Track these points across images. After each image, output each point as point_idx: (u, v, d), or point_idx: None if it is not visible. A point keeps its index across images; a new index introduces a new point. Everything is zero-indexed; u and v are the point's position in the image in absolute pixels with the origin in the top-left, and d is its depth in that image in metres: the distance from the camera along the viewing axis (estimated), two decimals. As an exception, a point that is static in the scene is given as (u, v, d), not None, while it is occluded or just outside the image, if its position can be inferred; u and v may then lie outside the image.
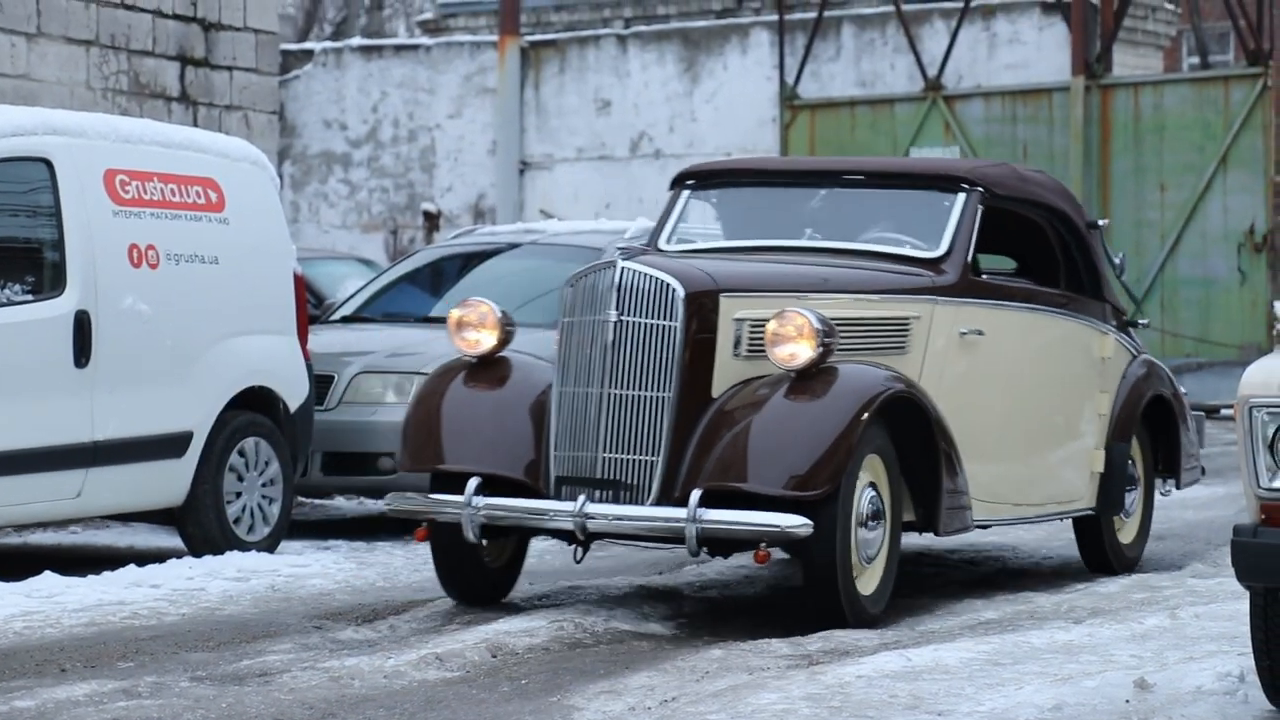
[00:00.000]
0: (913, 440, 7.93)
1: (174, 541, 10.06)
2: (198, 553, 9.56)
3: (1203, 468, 10.30)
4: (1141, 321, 10.07)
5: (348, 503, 12.59)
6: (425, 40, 25.12)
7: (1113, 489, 9.31)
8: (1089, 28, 20.73)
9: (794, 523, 7.36)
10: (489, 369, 8.11)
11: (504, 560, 8.35)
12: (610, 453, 7.64)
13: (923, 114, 21.19)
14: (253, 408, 9.91)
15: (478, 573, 8.22)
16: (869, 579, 7.74)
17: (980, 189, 8.76)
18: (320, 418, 10.52)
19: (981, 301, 8.65)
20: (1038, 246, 9.47)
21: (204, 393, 9.62)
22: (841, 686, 6.35)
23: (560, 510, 7.64)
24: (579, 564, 8.26)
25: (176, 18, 14.29)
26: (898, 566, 7.92)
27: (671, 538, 7.62)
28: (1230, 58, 34.08)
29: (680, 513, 7.45)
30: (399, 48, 24.71)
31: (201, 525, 9.64)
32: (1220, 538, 10.32)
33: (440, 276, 12.79)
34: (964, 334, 8.51)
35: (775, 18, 22.50)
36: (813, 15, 22.38)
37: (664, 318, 7.66)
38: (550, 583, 8.96)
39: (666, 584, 8.76)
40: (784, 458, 7.42)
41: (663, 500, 7.56)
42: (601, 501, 7.62)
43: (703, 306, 7.71)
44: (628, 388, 7.65)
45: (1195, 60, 30.54)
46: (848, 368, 7.72)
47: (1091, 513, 9.35)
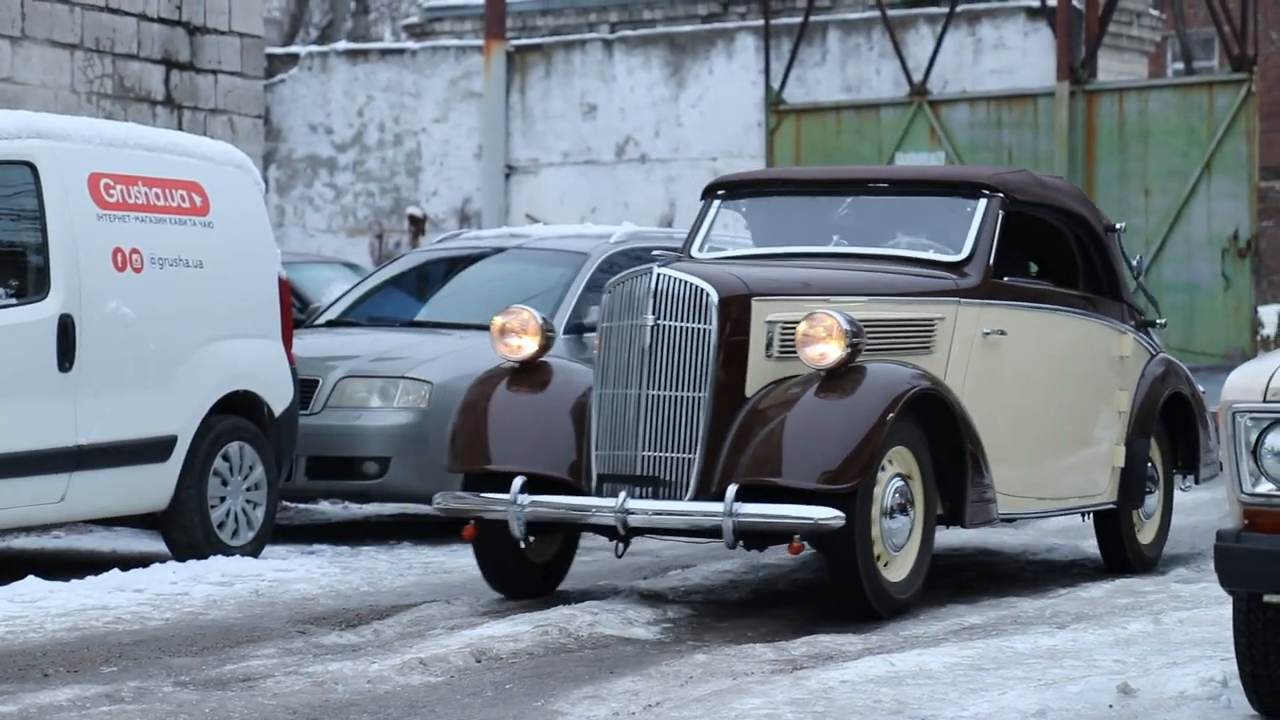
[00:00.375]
0: (939, 436, 8.24)
1: (158, 546, 10.04)
2: (181, 557, 9.55)
3: (1221, 463, 10.52)
4: (1159, 321, 10.31)
5: (332, 507, 12.58)
6: (411, 44, 25.10)
7: (1133, 483, 9.62)
8: (1074, 33, 20.75)
9: (827, 515, 7.68)
10: (531, 373, 8.44)
11: (549, 557, 8.66)
12: (649, 451, 7.98)
13: (908, 119, 21.20)
14: (237, 412, 9.90)
15: (521, 569, 8.52)
16: (897, 568, 8.07)
17: (1001, 195, 9.07)
18: (305, 422, 10.51)
19: (1003, 303, 8.96)
20: (1057, 250, 9.73)
21: (188, 397, 9.61)
22: (825, 691, 6.36)
23: (602, 506, 7.98)
24: (619, 559, 8.60)
25: (161, 21, 14.27)
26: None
27: (709, 531, 7.92)
28: (1215, 63, 34.14)
29: (717, 507, 7.78)
30: (384, 51, 24.70)
31: (185, 530, 9.63)
32: (1204, 543, 10.36)
33: (425, 281, 12.77)
34: (987, 334, 8.82)
35: (761, 23, 22.51)
36: (798, 20, 22.39)
37: (699, 321, 7.98)
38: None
39: (651, 589, 8.76)
40: (816, 453, 7.77)
41: (700, 496, 7.90)
42: (641, 498, 7.94)
43: (736, 310, 8.04)
44: (665, 389, 7.98)
45: (1180, 66, 30.58)
46: (875, 366, 8.06)
47: (1113, 506, 9.63)
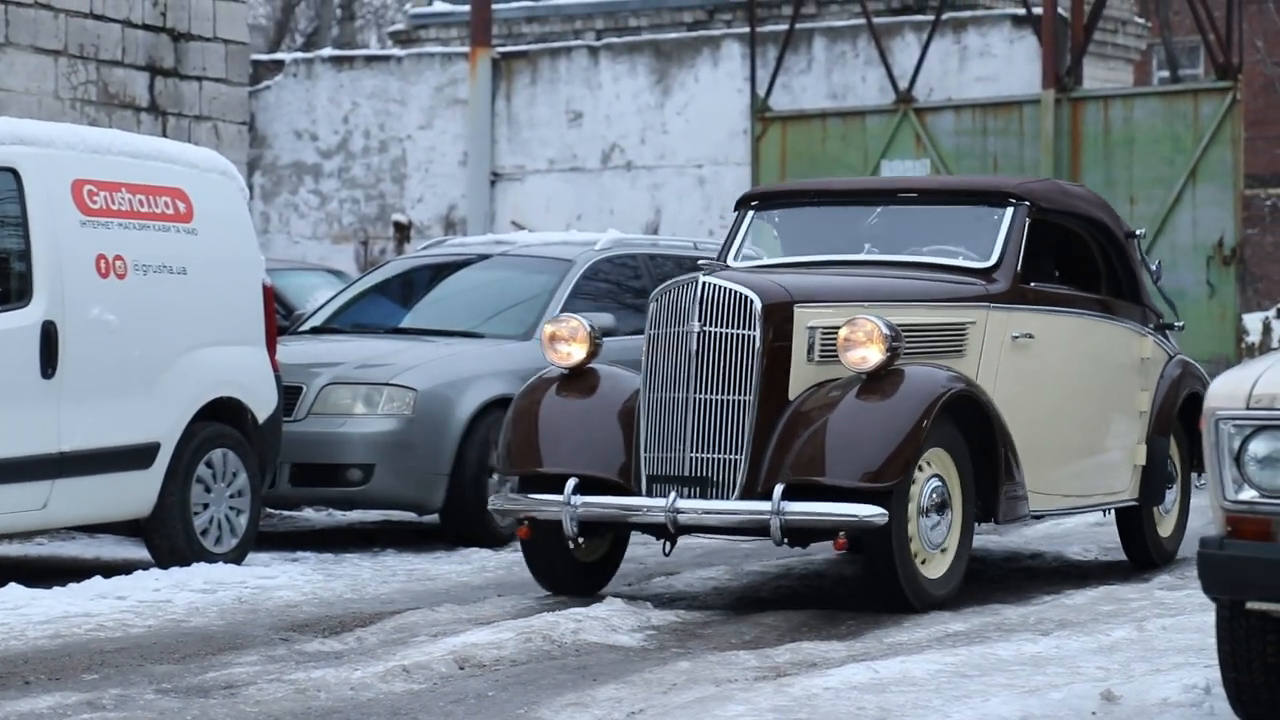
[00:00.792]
0: (972, 436, 8.55)
1: (140, 553, 10.02)
2: (164, 564, 9.53)
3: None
4: (1177, 324, 10.61)
5: (316, 514, 12.55)
6: (396, 51, 25.08)
7: (1154, 480, 9.97)
8: (1059, 41, 20.76)
9: (871, 512, 8.03)
10: (579, 379, 8.74)
11: (597, 557, 8.94)
12: (697, 452, 8.30)
13: (894, 126, 21.19)
14: (221, 419, 9.88)
15: (569, 568, 8.81)
16: (936, 565, 8.42)
17: (1027, 203, 9.41)
18: (289, 429, 10.49)
19: (1031, 307, 9.29)
20: (1079, 255, 10.03)
21: (171, 404, 9.59)
22: (809, 698, 6.35)
23: (653, 506, 8.29)
24: (668, 556, 8.91)
25: (146, 28, 14.25)
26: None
27: (757, 529, 8.22)
28: (1200, 71, 34.22)
29: (765, 506, 8.11)
30: (370, 58, 24.66)
31: (168, 537, 9.61)
32: (1188, 550, 10.37)
33: (410, 288, 12.75)
34: (1016, 337, 9.16)
35: (747, 30, 22.52)
36: (784, 28, 22.39)
37: (744, 327, 8.32)
38: (519, 594, 8.96)
39: (635, 595, 8.75)
40: (858, 452, 8.10)
41: (746, 495, 8.22)
42: (690, 497, 8.26)
43: (779, 316, 8.38)
44: (712, 392, 8.31)
45: (1165, 74, 30.64)
46: (913, 369, 8.39)
47: (1135, 503, 9.97)
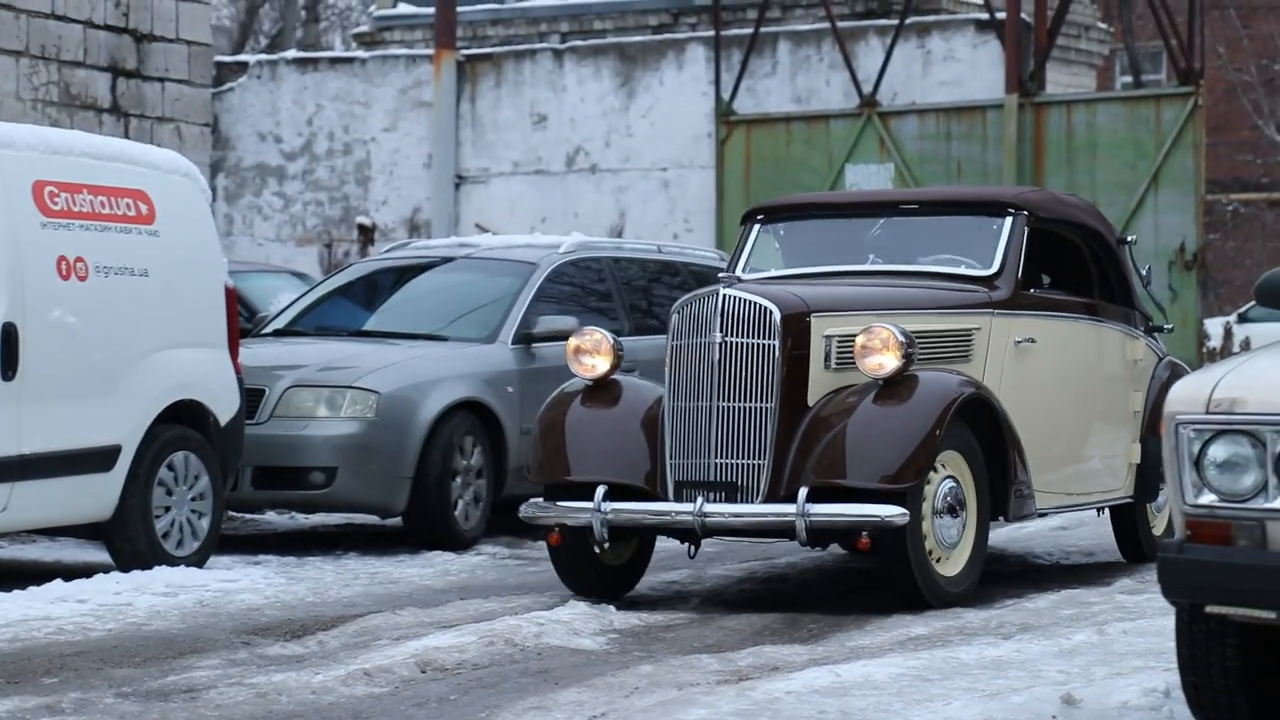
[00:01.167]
0: (983, 437, 8.83)
1: (101, 556, 9.98)
2: (125, 567, 9.49)
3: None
4: (1166, 327, 10.89)
5: (278, 517, 12.52)
6: (361, 53, 25.03)
7: (1149, 478, 10.24)
8: (1023, 46, 20.82)
9: (893, 512, 8.28)
10: (603, 390, 8.98)
11: (623, 561, 9.13)
12: (722, 458, 8.56)
13: (858, 130, 21.24)
14: (182, 421, 9.84)
15: (594, 572, 9.00)
16: (951, 563, 8.67)
17: (1025, 213, 9.70)
18: (251, 431, 10.45)
19: (1032, 313, 9.60)
20: (1074, 261, 10.32)
21: (133, 406, 9.55)
22: (770, 702, 6.35)
23: (681, 511, 8.53)
24: (693, 559, 9.24)
25: (108, 29, 14.20)
26: (984, 555, 8.87)
27: (782, 531, 8.47)
28: (1162, 77, 34.33)
29: (790, 508, 8.36)
30: (334, 60, 24.61)
31: (129, 540, 9.57)
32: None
33: (373, 290, 12.73)
34: (1018, 342, 9.45)
35: (711, 34, 22.54)
36: (749, 31, 22.42)
37: (763, 337, 8.57)
38: (482, 597, 8.94)
39: (597, 599, 8.74)
40: (878, 455, 8.39)
41: (770, 498, 8.49)
42: (716, 502, 8.51)
43: (796, 326, 8.65)
44: (735, 400, 8.56)
45: (1128, 79, 30.77)
46: (927, 375, 8.68)
47: (1130, 500, 10.30)
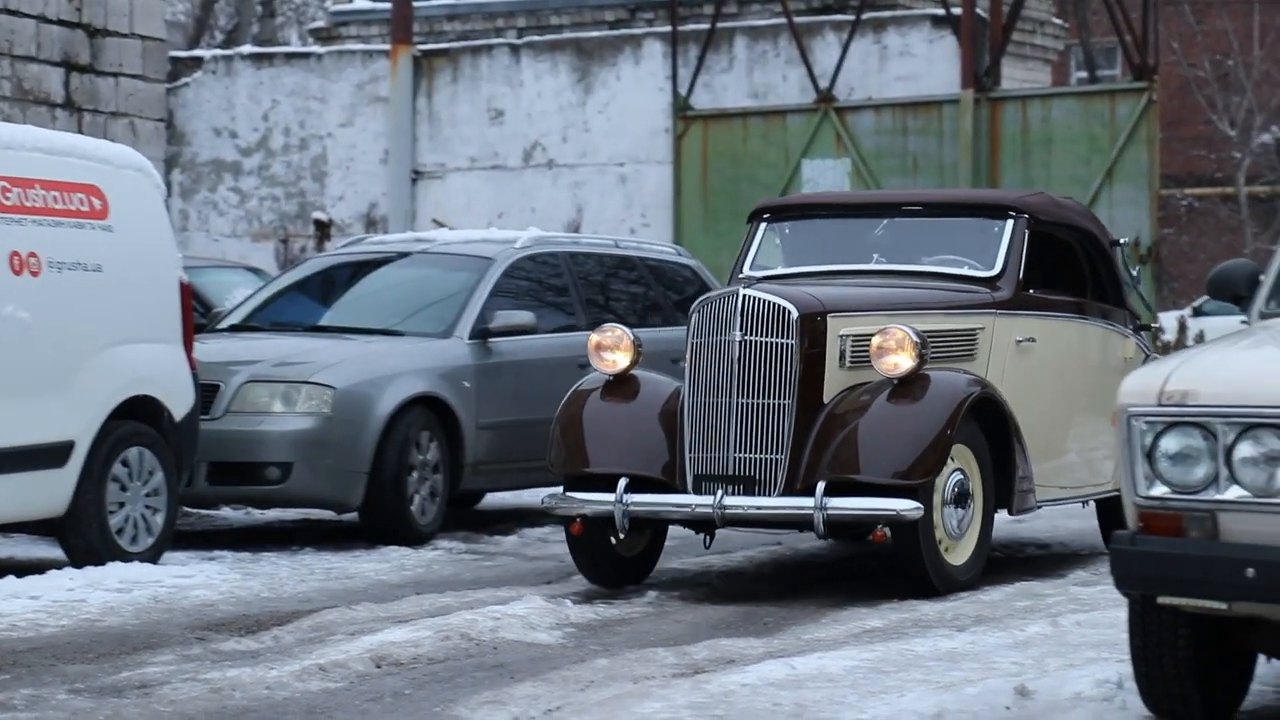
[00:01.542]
0: (986, 432, 9.05)
1: (55, 552, 9.93)
2: (79, 564, 9.44)
3: None
4: (1155, 325, 11.18)
5: (234, 513, 12.47)
6: (317, 48, 24.95)
7: None
8: (978, 41, 20.87)
9: (908, 506, 8.54)
10: (622, 385, 9.20)
11: (637, 551, 9.35)
12: (741, 453, 8.78)
13: (814, 125, 21.27)
14: (137, 417, 9.80)
15: (612, 563, 9.24)
16: (959, 552, 8.94)
17: (1025, 216, 9.96)
18: (206, 427, 10.41)
19: (1032, 313, 9.85)
20: (1068, 262, 10.54)
21: (87, 402, 9.50)
22: (725, 695, 6.36)
23: (701, 503, 8.76)
24: (708, 549, 9.51)
25: (61, 23, 14.12)
26: (989, 544, 9.15)
27: (801, 523, 8.74)
28: (1117, 72, 34.45)
29: (809, 501, 8.61)
30: (290, 55, 24.53)
31: (83, 536, 9.52)
32: (1103, 545, 10.47)
33: (330, 286, 12.69)
34: (1019, 341, 9.72)
35: (668, 29, 22.53)
36: (705, 27, 22.41)
37: (782, 336, 8.81)
38: (438, 592, 8.93)
39: (553, 594, 8.74)
40: (893, 452, 8.65)
41: (787, 492, 8.72)
42: (736, 494, 8.73)
43: (813, 325, 8.90)
44: (753, 397, 8.80)
45: (1083, 74, 30.87)
46: (938, 374, 8.93)
47: (1117, 493, 10.43)
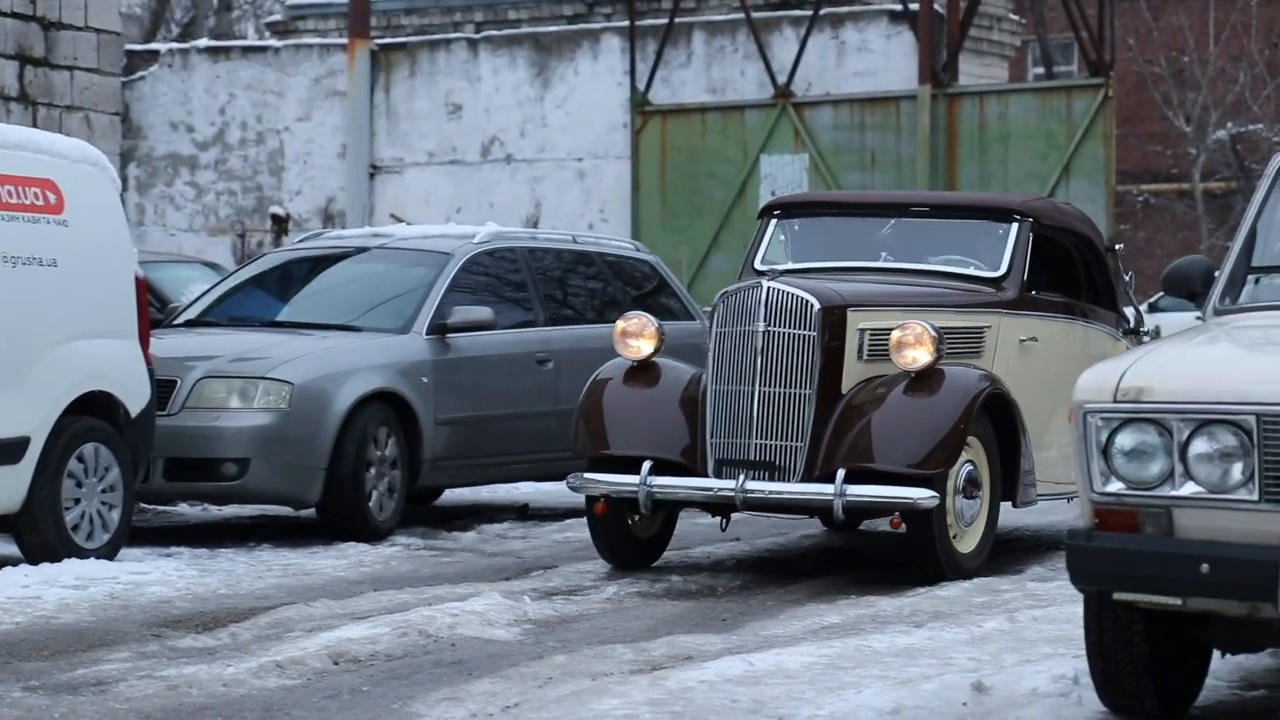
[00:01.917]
0: (995, 426, 9.35)
1: (10, 549, 9.87)
2: (34, 560, 9.40)
3: None
4: (1143, 329, 11.37)
5: (191, 509, 12.42)
6: (274, 42, 24.88)
7: None
8: (935, 37, 20.94)
9: (924, 495, 8.84)
10: (644, 371, 9.54)
11: (651, 533, 9.69)
12: (762, 439, 9.09)
13: (773, 121, 21.31)
14: (92, 412, 9.75)
15: (628, 544, 9.58)
16: (967, 540, 9.28)
17: (1030, 220, 10.30)
18: (162, 423, 10.37)
19: (1034, 314, 10.20)
20: (1065, 265, 10.85)
21: (41, 397, 9.45)
22: (683, 691, 6.37)
23: (723, 487, 9.07)
24: (724, 532, 9.91)
25: (14, 16, 14.04)
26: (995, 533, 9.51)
27: (819, 509, 9.11)
28: (1074, 68, 34.58)
29: (828, 488, 8.92)
30: (247, 49, 24.46)
31: (39, 532, 9.47)
32: (1060, 542, 10.52)
33: (287, 281, 12.64)
34: (1023, 340, 10.07)
35: (626, 23, 22.54)
36: (663, 21, 22.43)
37: (804, 328, 9.13)
38: (396, 588, 8.91)
39: (511, 590, 8.73)
40: (910, 442, 8.95)
41: (806, 478, 9.03)
42: (756, 480, 9.02)
43: (834, 318, 9.21)
44: (775, 386, 9.10)
45: (1040, 70, 30.97)
46: (953, 369, 9.24)
47: None
